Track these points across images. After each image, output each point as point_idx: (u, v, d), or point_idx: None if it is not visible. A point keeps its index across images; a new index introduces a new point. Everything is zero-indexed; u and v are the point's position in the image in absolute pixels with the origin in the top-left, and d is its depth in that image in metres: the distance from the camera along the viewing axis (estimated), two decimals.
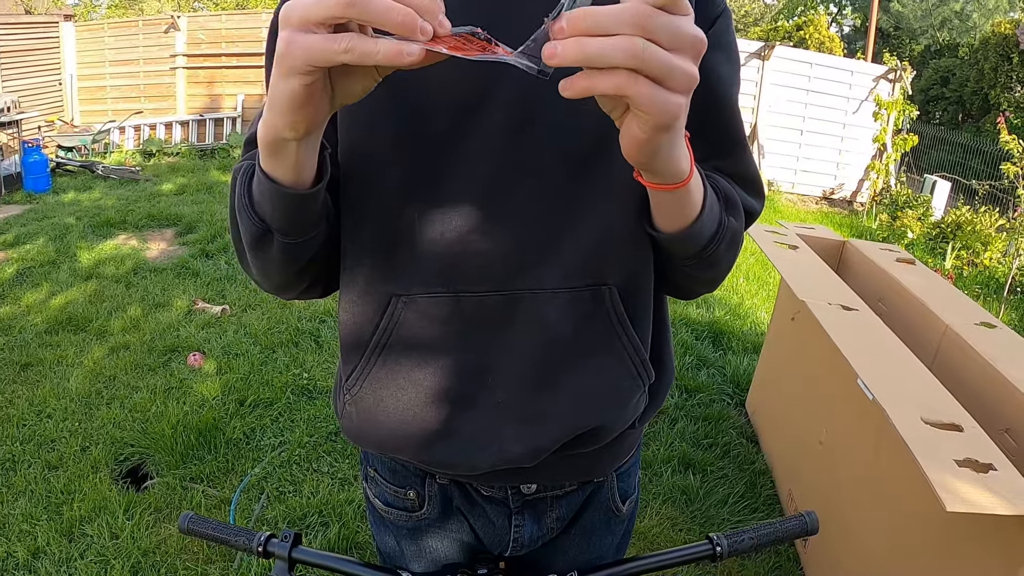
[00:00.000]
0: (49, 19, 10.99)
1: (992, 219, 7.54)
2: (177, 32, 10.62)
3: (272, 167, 0.72)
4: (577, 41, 0.54)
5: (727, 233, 0.86)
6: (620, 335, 0.92)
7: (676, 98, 0.57)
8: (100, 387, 3.68)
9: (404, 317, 0.89)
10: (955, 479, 1.43)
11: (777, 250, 3.01)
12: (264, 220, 0.78)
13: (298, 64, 0.58)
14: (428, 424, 0.93)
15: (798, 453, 2.93)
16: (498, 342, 0.90)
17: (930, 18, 20.18)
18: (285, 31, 0.58)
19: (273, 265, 0.84)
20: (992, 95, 14.51)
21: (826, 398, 2.68)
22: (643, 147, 0.63)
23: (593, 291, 0.89)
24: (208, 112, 10.59)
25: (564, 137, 0.84)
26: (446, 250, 0.86)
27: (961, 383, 2.22)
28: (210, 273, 5.38)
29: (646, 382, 0.97)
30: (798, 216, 9.02)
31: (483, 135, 0.83)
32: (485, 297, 0.88)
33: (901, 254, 3.29)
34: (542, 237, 0.87)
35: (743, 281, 5.77)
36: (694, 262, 0.87)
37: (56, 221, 6.59)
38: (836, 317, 2.37)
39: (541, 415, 0.93)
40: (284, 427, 3.38)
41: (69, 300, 4.80)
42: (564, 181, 0.86)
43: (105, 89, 11.06)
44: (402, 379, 0.92)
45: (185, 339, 4.24)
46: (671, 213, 0.81)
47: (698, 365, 4.24)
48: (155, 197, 7.66)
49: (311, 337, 4.31)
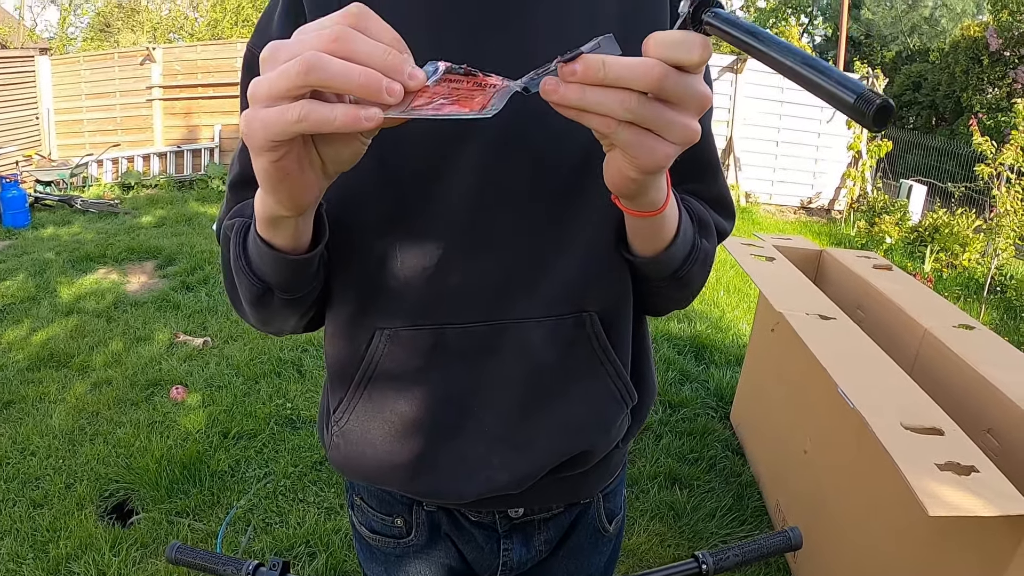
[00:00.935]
0: (25, 53, 10.95)
1: (969, 221, 7.62)
2: (153, 64, 10.60)
3: (270, 236, 0.72)
4: (580, 88, 0.55)
5: (700, 254, 0.87)
6: (603, 360, 0.93)
7: (666, 147, 0.58)
8: (83, 423, 3.65)
9: (388, 350, 0.89)
10: (937, 483, 1.45)
11: (754, 263, 3.04)
12: (264, 280, 0.78)
13: (260, 142, 0.56)
14: (415, 455, 0.93)
15: (783, 463, 2.94)
16: (483, 372, 0.90)
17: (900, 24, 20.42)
18: (250, 107, 0.56)
19: (274, 316, 0.85)
20: (964, 98, 14.67)
21: (808, 408, 2.70)
22: (627, 183, 0.64)
23: (576, 318, 0.90)
24: (186, 143, 10.56)
25: (545, 168, 0.85)
26: (428, 283, 0.86)
27: (942, 386, 2.24)
28: (191, 305, 5.36)
29: (630, 404, 0.98)
30: (777, 227, 9.08)
31: (463, 168, 0.83)
32: (468, 328, 0.88)
33: (878, 260, 3.33)
34: (524, 267, 0.87)
35: (723, 294, 5.80)
36: (666, 283, 0.89)
37: (36, 256, 6.55)
38: (814, 327, 2.39)
39: (528, 442, 0.93)
40: (269, 458, 3.37)
41: (50, 336, 4.76)
42: (544, 211, 0.86)
43: (82, 122, 11.01)
44: (388, 411, 0.92)
45: (167, 372, 4.21)
46: (647, 238, 0.82)
47: (681, 380, 4.26)
48: (134, 230, 7.63)
49: (293, 367, 4.29)
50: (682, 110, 0.57)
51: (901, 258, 7.64)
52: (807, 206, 10.53)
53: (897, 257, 7.65)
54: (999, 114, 12.95)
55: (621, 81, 0.54)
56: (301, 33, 0.55)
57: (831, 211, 10.41)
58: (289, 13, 0.84)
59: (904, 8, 20.20)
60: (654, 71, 0.54)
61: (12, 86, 10.22)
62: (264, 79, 0.55)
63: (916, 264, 7.35)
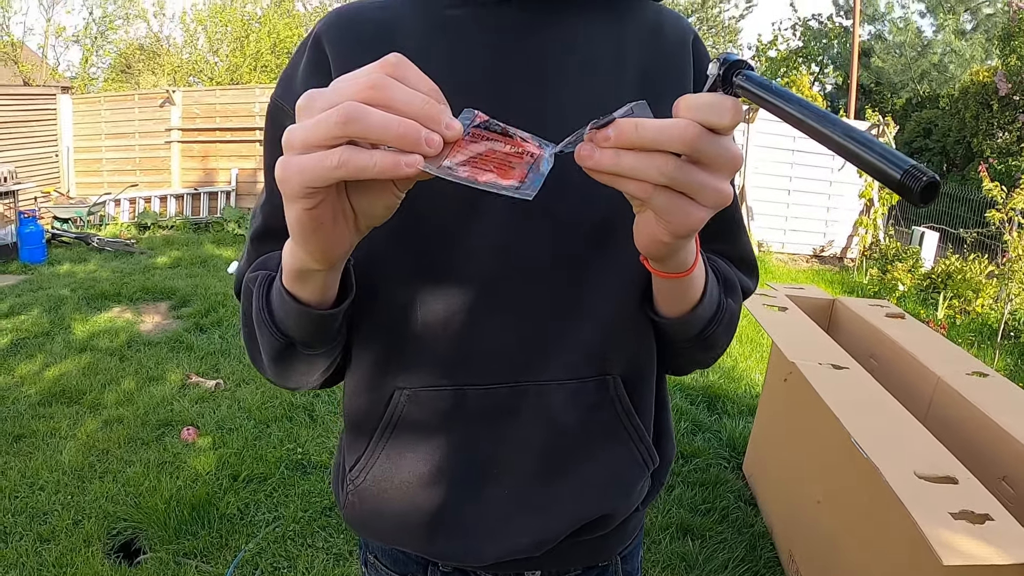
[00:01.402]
0: (47, 91, 11.14)
1: (981, 266, 7.61)
2: (172, 106, 10.78)
3: (297, 290, 0.72)
4: (615, 153, 0.55)
5: (725, 315, 0.87)
6: (626, 424, 0.92)
7: (700, 211, 0.58)
8: (93, 460, 3.65)
9: (407, 410, 0.88)
10: (951, 532, 1.44)
11: (767, 313, 3.05)
12: (287, 334, 0.77)
13: (296, 188, 0.55)
14: (433, 517, 0.91)
15: (797, 514, 2.92)
16: (503, 434, 0.89)
17: (909, 71, 20.54)
18: (285, 154, 0.56)
19: (294, 371, 0.84)
20: (975, 143, 14.69)
21: (822, 457, 2.68)
22: (660, 247, 0.65)
23: (598, 382, 0.89)
24: (202, 186, 10.68)
25: (569, 227, 0.84)
26: (449, 344, 0.86)
27: (956, 434, 2.23)
28: (204, 347, 5.38)
29: (651, 467, 0.97)
30: (789, 275, 9.08)
31: (486, 227, 0.83)
32: (490, 390, 0.87)
33: (891, 309, 3.33)
34: (547, 329, 0.87)
35: (736, 344, 5.78)
36: (692, 344, 0.89)
37: (51, 292, 6.61)
38: (827, 376, 2.39)
39: (548, 506, 0.92)
40: (278, 502, 3.35)
41: (63, 372, 4.79)
42: (567, 274, 0.86)
43: (101, 161, 11.18)
44: (406, 471, 0.90)
45: (179, 413, 4.22)
46: (675, 299, 0.82)
47: (694, 430, 4.23)
48: (150, 270, 7.69)
49: (305, 412, 4.29)
50: (714, 172, 0.57)
51: (914, 305, 7.61)
52: (819, 254, 10.54)
53: (910, 304, 7.62)
54: (1009, 158, 12.98)
55: (655, 143, 0.54)
56: (339, 82, 0.55)
57: (843, 259, 10.41)
58: (314, 65, 0.85)
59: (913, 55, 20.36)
60: (688, 132, 0.54)
61: (34, 123, 10.41)
62: (300, 127, 0.54)
63: (929, 311, 7.32)
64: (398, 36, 0.85)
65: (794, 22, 23.74)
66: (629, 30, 0.90)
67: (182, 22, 19.51)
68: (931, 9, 21.14)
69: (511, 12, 0.85)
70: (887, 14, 21.90)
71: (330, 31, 0.86)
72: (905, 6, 21.92)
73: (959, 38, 19.85)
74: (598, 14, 0.90)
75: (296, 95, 0.83)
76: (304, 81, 0.85)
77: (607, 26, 0.90)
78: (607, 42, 0.89)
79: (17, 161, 9.51)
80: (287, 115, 0.85)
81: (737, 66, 0.56)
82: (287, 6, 18.81)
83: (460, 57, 0.83)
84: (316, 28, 0.87)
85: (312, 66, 0.85)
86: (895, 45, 20.91)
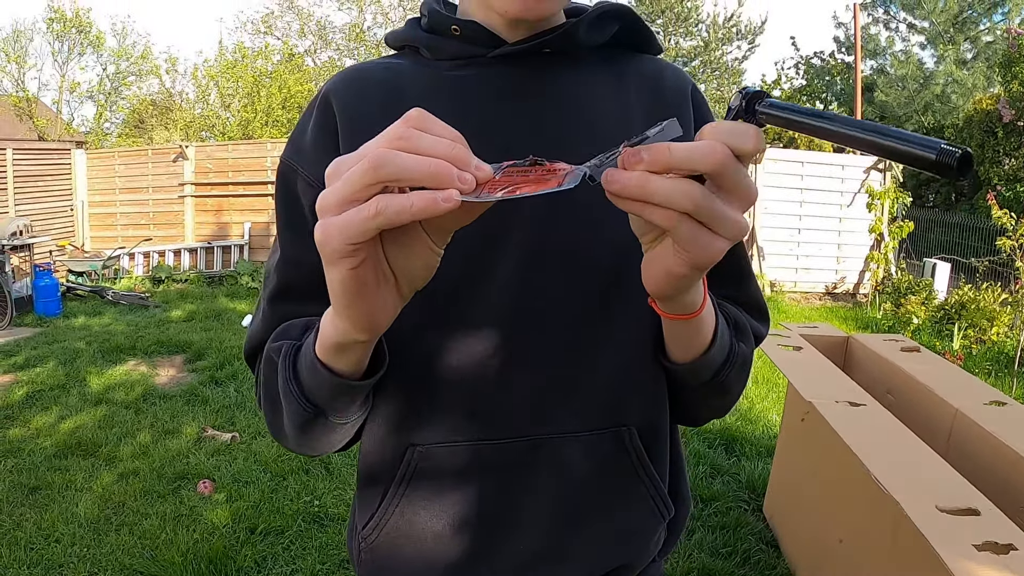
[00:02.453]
0: (62, 146, 11.38)
1: (995, 295, 7.57)
2: (185, 161, 10.93)
3: (334, 362, 0.71)
4: (644, 176, 0.55)
5: (737, 359, 0.87)
6: (642, 476, 0.92)
7: (720, 243, 0.58)
8: (109, 513, 3.65)
9: (421, 467, 0.88)
10: (976, 564, 1.42)
11: (781, 353, 3.04)
12: (316, 405, 0.76)
13: (338, 246, 0.54)
14: (449, 572, 0.91)
15: (819, 554, 2.88)
16: (519, 488, 0.88)
17: (913, 104, 20.61)
18: (322, 219, 0.55)
19: (319, 440, 0.83)
20: (982, 171, 14.63)
21: (842, 495, 2.66)
22: (671, 282, 0.64)
23: (614, 433, 0.89)
24: (216, 240, 10.79)
25: (579, 280, 0.85)
26: (463, 400, 0.86)
27: (976, 465, 2.22)
28: (219, 400, 5.38)
29: (667, 517, 0.97)
30: (803, 315, 9.05)
31: (497, 283, 0.84)
32: (504, 444, 0.87)
33: (906, 343, 3.31)
34: (561, 382, 0.87)
35: (752, 385, 5.75)
36: (705, 390, 0.88)
37: (66, 345, 6.65)
38: (844, 414, 2.38)
39: (565, 559, 0.91)
40: (296, 555, 3.33)
41: (78, 424, 4.80)
42: (580, 325, 0.86)
43: (115, 215, 11.33)
44: (420, 528, 0.89)
45: (195, 466, 4.21)
46: (685, 343, 0.82)
47: (712, 473, 4.19)
48: (164, 324, 7.74)
49: (321, 464, 4.27)
50: (734, 202, 0.57)
51: (929, 337, 7.57)
52: (832, 291, 10.50)
53: (925, 337, 7.58)
54: (1017, 184, 12.96)
55: (688, 162, 0.55)
56: (365, 145, 0.55)
57: (856, 295, 10.37)
58: (322, 124, 0.87)
59: (916, 87, 20.45)
60: (717, 152, 0.54)
61: (49, 177, 10.60)
62: (332, 189, 0.54)
63: (945, 342, 7.27)
64: (404, 96, 0.87)
65: (796, 60, 23.94)
66: (631, 84, 0.92)
67: (194, 78, 19.88)
68: (931, 40, 21.29)
69: (513, 71, 0.87)
70: (888, 48, 22.07)
71: (338, 91, 0.88)
72: (906, 39, 22.10)
73: (960, 68, 19.95)
74: (599, 68, 0.92)
75: (307, 154, 0.85)
76: (314, 140, 0.87)
77: (609, 80, 0.91)
78: (610, 98, 0.90)
79: (33, 215, 9.67)
80: (298, 175, 0.87)
81: (759, 96, 0.58)
82: (297, 61, 19.17)
83: (464, 118, 0.83)
84: (324, 88, 0.89)
85: (321, 125, 0.87)
86: (897, 78, 21.02)
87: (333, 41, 21.57)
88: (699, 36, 25.27)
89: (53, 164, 10.77)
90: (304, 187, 0.86)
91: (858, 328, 8.37)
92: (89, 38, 20.52)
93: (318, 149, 0.86)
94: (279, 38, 20.39)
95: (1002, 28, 19.25)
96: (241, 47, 19.01)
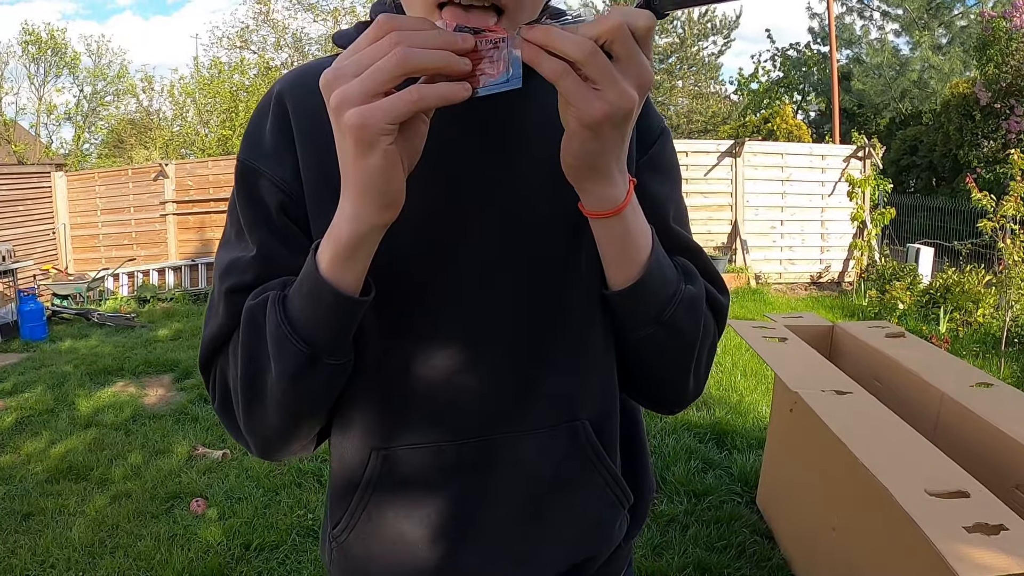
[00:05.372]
0: (41, 169, 11.30)
1: (979, 276, 7.65)
2: (166, 179, 10.90)
3: (343, 273, 0.74)
4: (549, 29, 0.65)
5: (684, 297, 0.86)
6: (598, 466, 0.94)
7: (601, 103, 0.65)
8: (103, 536, 3.62)
9: (385, 470, 0.90)
10: (967, 546, 1.44)
11: (767, 345, 3.05)
12: (313, 342, 0.77)
13: (381, 126, 0.63)
14: (417, 573, 0.93)
15: (813, 543, 2.89)
16: (480, 487, 0.91)
17: (890, 91, 20.76)
18: (346, 111, 0.64)
19: (307, 402, 0.83)
20: (961, 155, 14.76)
21: (833, 484, 2.67)
22: (573, 149, 0.71)
23: (568, 428, 0.92)
24: (200, 256, 10.75)
25: (530, 284, 0.88)
26: (422, 402, 0.88)
27: (965, 447, 2.23)
28: (209, 418, 5.35)
29: (626, 505, 0.99)
30: (789, 305, 9.09)
31: (447, 287, 0.86)
32: (463, 445, 0.89)
33: (890, 328, 3.33)
34: (515, 382, 0.89)
35: (741, 378, 5.78)
36: (653, 329, 0.86)
37: (54, 369, 6.61)
38: (831, 403, 2.39)
39: (530, 555, 0.93)
40: (291, 569, 3.31)
41: (69, 449, 4.77)
42: (533, 327, 0.89)
43: (98, 237, 11.28)
44: (388, 529, 0.92)
45: (187, 485, 4.19)
46: (618, 254, 0.82)
47: (704, 468, 4.20)
48: (151, 343, 7.70)
49: (314, 477, 4.26)
50: (624, 70, 0.65)
51: (916, 322, 7.61)
52: (817, 281, 10.57)
53: (912, 322, 7.63)
54: (997, 166, 13.06)
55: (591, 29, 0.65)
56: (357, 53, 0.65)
57: (841, 284, 10.44)
58: (278, 122, 0.88)
59: (892, 75, 20.60)
60: (614, 18, 0.64)
61: (29, 201, 10.56)
62: (351, 85, 0.64)
63: (931, 326, 7.33)
64: None
65: (773, 53, 24.06)
66: None
67: (171, 95, 19.80)
68: (906, 28, 21.44)
69: None
70: (863, 37, 22.23)
71: (290, 90, 0.89)
72: (880, 27, 22.25)
73: (936, 53, 20.11)
74: None
75: (266, 153, 0.88)
76: (274, 142, 0.88)
77: None
78: None
79: (15, 240, 9.62)
80: (260, 175, 0.88)
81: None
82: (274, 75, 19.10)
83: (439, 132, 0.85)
84: (276, 88, 0.91)
85: (279, 128, 0.88)
86: (873, 67, 21.18)
87: (310, 53, 21.53)
88: (674, 33, 25.39)
89: (33, 188, 10.73)
90: (268, 187, 0.87)
91: (844, 316, 8.42)
92: (65, 59, 20.44)
93: (279, 151, 0.87)
94: (255, 52, 20.31)
95: (975, 12, 19.40)
96: (217, 62, 18.97)
